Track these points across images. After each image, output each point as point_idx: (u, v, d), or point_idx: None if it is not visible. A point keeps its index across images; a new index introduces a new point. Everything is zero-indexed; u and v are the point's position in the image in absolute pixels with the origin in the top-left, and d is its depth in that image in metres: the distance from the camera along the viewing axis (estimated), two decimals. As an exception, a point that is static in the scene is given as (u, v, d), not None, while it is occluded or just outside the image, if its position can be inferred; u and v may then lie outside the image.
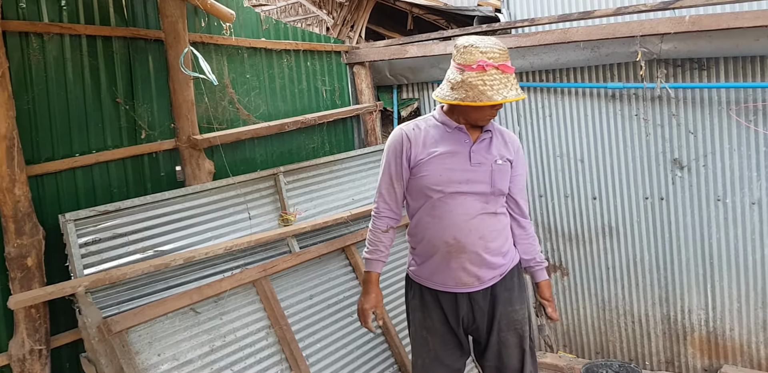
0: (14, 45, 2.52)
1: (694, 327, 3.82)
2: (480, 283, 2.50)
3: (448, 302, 2.54)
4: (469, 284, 2.50)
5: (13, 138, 2.40)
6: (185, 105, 3.04)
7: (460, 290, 2.51)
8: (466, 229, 2.44)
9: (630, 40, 3.48)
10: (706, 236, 3.70)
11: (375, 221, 2.63)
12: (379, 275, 2.66)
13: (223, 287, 2.80)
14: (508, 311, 2.53)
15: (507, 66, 2.29)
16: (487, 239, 2.47)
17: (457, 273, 2.48)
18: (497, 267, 2.51)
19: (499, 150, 2.52)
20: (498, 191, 2.48)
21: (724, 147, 3.57)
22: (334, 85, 4.12)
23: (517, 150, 2.58)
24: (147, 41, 3.01)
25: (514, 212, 2.61)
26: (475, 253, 2.46)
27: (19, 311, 2.45)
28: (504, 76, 2.27)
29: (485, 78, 2.26)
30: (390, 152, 2.54)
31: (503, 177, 2.49)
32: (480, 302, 2.52)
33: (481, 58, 2.27)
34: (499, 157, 2.50)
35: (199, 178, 3.07)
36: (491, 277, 2.51)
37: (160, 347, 2.55)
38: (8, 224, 2.42)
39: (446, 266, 2.49)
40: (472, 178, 2.45)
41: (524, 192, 2.62)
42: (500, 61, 2.28)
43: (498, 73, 2.26)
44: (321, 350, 3.10)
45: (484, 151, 2.48)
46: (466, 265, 2.47)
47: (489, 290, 2.52)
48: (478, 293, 2.51)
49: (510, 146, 2.56)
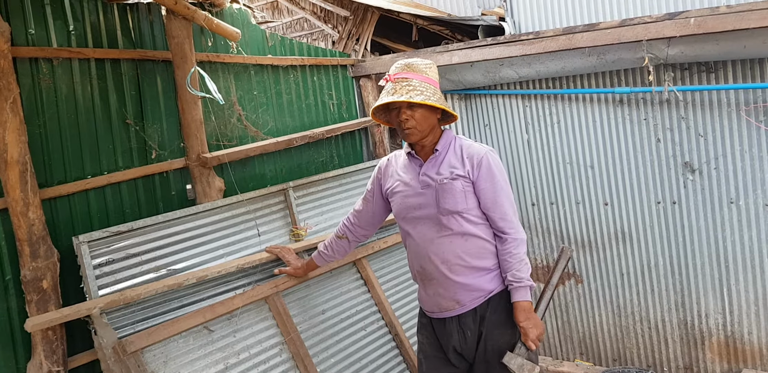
0: (24, 71, 2.57)
1: (711, 332, 3.78)
2: (461, 306, 2.48)
3: (439, 327, 2.57)
4: (451, 308, 2.50)
5: (26, 163, 2.45)
6: (194, 124, 3.08)
7: (447, 315, 2.52)
8: (428, 255, 2.50)
9: (636, 45, 3.46)
10: (720, 239, 3.67)
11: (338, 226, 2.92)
12: (313, 261, 2.96)
13: (236, 304, 2.82)
14: (495, 335, 2.46)
15: (402, 77, 2.45)
16: (451, 262, 2.46)
17: (435, 299, 2.53)
18: (475, 289, 2.46)
19: (450, 167, 2.48)
20: (445, 210, 2.44)
21: (735, 149, 3.55)
22: (341, 99, 4.15)
23: (478, 164, 2.46)
24: (155, 62, 3.05)
25: (493, 228, 2.50)
26: (443, 277, 2.48)
27: (36, 334, 2.48)
28: (403, 84, 2.43)
29: (387, 87, 2.48)
30: (371, 177, 2.80)
31: (451, 195, 2.44)
32: (470, 325, 2.48)
33: (389, 72, 2.51)
34: (447, 175, 2.46)
35: (209, 196, 3.10)
36: (472, 299, 2.47)
37: (175, 366, 2.57)
38: (23, 247, 2.45)
39: (425, 293, 2.57)
40: (423, 203, 2.50)
41: (500, 206, 2.46)
42: (398, 73, 2.48)
43: (400, 82, 2.44)
44: (335, 365, 3.10)
45: (433, 172, 2.50)
46: (439, 290, 2.50)
47: (476, 311, 2.47)
48: (466, 315, 2.48)
49: (467, 161, 2.47)
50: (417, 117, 2.43)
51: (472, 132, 4.38)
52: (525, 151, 4.18)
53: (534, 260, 4.30)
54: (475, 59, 3.86)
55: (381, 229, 3.54)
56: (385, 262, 3.63)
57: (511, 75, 3.98)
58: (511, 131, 4.20)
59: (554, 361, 4.26)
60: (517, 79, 4.04)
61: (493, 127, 4.28)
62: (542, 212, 4.19)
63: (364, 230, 2.87)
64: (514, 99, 4.14)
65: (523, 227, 4.25)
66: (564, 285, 4.19)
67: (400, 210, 2.60)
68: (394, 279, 3.62)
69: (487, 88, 4.22)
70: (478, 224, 2.48)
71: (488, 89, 4.22)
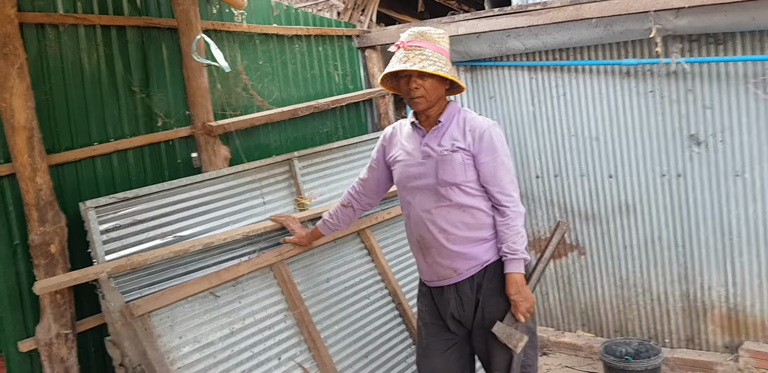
0: (31, 37, 2.57)
1: (714, 304, 3.81)
2: (459, 274, 2.51)
3: (438, 295, 2.61)
4: (448, 276, 2.53)
5: (32, 128, 2.46)
6: (199, 92, 3.08)
7: (445, 283, 2.55)
8: (426, 224, 2.53)
9: (644, 16, 3.43)
10: (725, 212, 3.67)
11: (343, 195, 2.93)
12: (317, 230, 2.97)
13: (241, 271, 2.85)
14: (491, 302, 2.50)
15: (416, 45, 2.44)
16: (448, 231, 2.49)
17: (433, 268, 2.57)
18: (472, 258, 2.49)
19: (452, 139, 2.49)
20: (444, 182, 2.46)
21: (742, 121, 3.53)
22: (346, 70, 4.14)
23: (479, 137, 2.47)
24: (160, 30, 3.04)
25: (492, 200, 2.51)
26: (441, 245, 2.51)
27: (45, 297, 2.52)
28: (416, 53, 2.42)
29: (398, 54, 2.47)
30: (376, 145, 2.81)
31: (450, 167, 2.46)
32: (467, 292, 2.52)
33: (401, 39, 2.50)
34: (448, 147, 2.48)
35: (215, 165, 3.12)
36: (469, 267, 2.50)
37: (182, 330, 2.61)
38: (31, 212, 2.48)
39: (423, 261, 2.61)
40: (423, 172, 2.53)
41: (499, 180, 2.47)
42: (411, 41, 2.47)
43: (413, 50, 2.43)
44: (339, 332, 3.14)
45: (435, 143, 2.52)
46: (437, 259, 2.54)
47: (474, 279, 2.51)
48: (463, 283, 2.52)
49: (469, 134, 2.48)
50: (427, 86, 2.44)
51: (477, 104, 4.36)
52: (530, 123, 4.17)
53: (537, 233, 4.32)
54: (482, 30, 3.84)
55: (384, 200, 3.54)
56: (388, 233, 3.65)
57: (517, 46, 3.95)
58: (517, 103, 4.18)
59: (556, 332, 4.30)
60: (524, 51, 4.01)
61: (498, 98, 4.26)
62: (546, 184, 4.19)
63: (369, 199, 2.89)
64: (520, 70, 4.12)
65: (527, 199, 4.26)
66: (567, 257, 4.21)
67: (400, 179, 2.63)
68: (398, 249, 3.65)
69: (493, 60, 4.19)
70: (476, 195, 2.50)
71: (494, 61, 4.19)
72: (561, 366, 3.99)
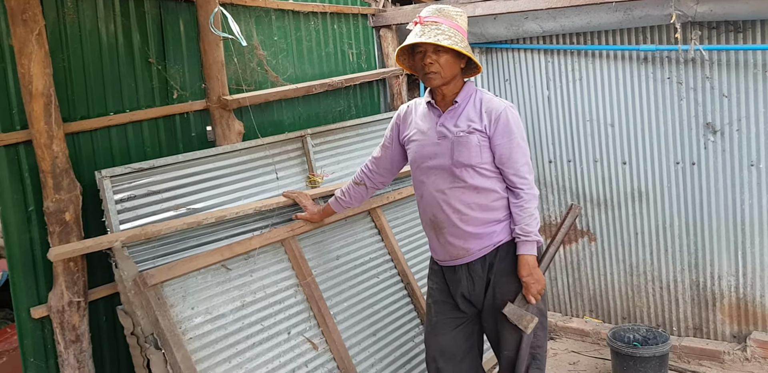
0: (50, 4, 2.56)
1: (723, 293, 3.79)
2: (471, 254, 2.52)
3: (450, 273, 2.62)
4: (461, 256, 2.54)
5: (50, 95, 2.45)
6: (215, 66, 3.07)
7: (457, 263, 2.56)
8: (440, 204, 2.53)
9: (664, 1, 3.40)
10: (738, 201, 3.65)
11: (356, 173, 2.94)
12: (329, 207, 2.99)
13: (253, 245, 2.85)
14: (502, 282, 2.51)
15: (433, 20, 2.43)
16: (462, 212, 2.49)
17: (446, 248, 2.57)
18: (484, 237, 2.49)
19: (468, 121, 2.48)
20: (459, 163, 2.46)
21: (759, 111, 3.50)
22: (360, 49, 4.11)
23: (495, 119, 2.45)
24: (178, 2, 3.03)
25: (506, 182, 2.51)
26: (454, 226, 2.51)
27: (58, 264, 2.52)
28: (432, 28, 2.40)
29: (415, 29, 2.46)
30: (390, 124, 2.80)
31: (466, 149, 2.45)
32: (479, 272, 2.53)
33: (420, 14, 2.49)
34: (464, 129, 2.47)
35: (229, 139, 3.11)
36: (482, 247, 2.51)
37: (194, 301, 2.62)
38: (47, 179, 2.48)
39: (436, 241, 2.61)
40: (438, 153, 2.51)
41: (514, 162, 2.47)
42: (429, 16, 2.46)
43: (429, 25, 2.42)
44: (348, 309, 3.15)
45: (451, 123, 2.51)
46: (450, 239, 2.54)
47: (486, 259, 2.52)
48: (475, 263, 2.53)
49: (485, 116, 2.47)
50: (441, 62, 2.43)
51: (492, 86, 4.34)
52: (545, 107, 4.15)
53: (549, 217, 4.30)
54: (499, 11, 3.80)
55: (396, 180, 3.54)
56: (399, 213, 3.65)
57: (534, 29, 3.92)
58: (532, 87, 4.15)
59: (563, 317, 4.30)
60: (541, 34, 3.98)
61: (513, 82, 4.23)
62: (559, 169, 4.18)
63: (382, 177, 2.89)
64: (536, 54, 4.09)
65: (539, 184, 4.24)
66: (577, 243, 4.20)
67: (415, 158, 2.62)
68: (408, 230, 3.65)
69: (510, 42, 4.16)
70: (491, 177, 2.50)
71: (510, 43, 4.16)
72: (568, 351, 3.99)
